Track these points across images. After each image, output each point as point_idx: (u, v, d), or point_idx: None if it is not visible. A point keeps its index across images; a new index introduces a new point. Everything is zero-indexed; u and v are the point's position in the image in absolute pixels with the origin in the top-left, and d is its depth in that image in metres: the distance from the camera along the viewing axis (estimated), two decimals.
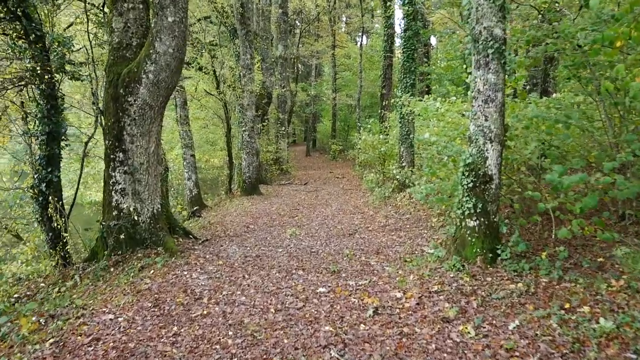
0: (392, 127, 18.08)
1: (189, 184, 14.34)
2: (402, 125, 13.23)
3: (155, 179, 8.04)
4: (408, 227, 9.41)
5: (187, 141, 14.07)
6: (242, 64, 15.20)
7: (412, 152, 13.33)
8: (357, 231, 9.56)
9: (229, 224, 10.95)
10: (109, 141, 7.76)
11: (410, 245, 7.87)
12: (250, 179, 15.55)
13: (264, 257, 7.59)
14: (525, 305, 4.83)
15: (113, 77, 7.74)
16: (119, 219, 7.69)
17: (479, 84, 6.03)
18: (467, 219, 6.11)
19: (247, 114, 15.31)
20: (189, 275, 6.51)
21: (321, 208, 13.00)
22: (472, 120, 6.12)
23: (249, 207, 13.34)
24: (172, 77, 7.70)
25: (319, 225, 10.38)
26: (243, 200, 14.71)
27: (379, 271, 6.56)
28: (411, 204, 11.56)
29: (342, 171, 24.72)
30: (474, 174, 6.01)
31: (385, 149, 15.19)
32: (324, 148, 39.74)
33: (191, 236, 8.94)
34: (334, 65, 33.19)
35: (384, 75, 20.73)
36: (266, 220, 11.23)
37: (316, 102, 39.12)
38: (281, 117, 23.91)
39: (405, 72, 13.12)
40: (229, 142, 15.96)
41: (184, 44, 7.71)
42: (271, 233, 9.71)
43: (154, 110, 7.75)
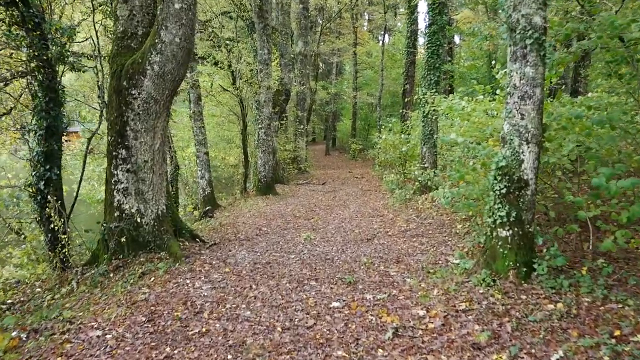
0: (414, 127, 17.40)
1: (202, 182, 13.86)
2: (425, 124, 12.56)
3: (160, 178, 7.54)
4: (430, 233, 8.76)
5: (201, 138, 13.59)
6: (259, 59, 14.67)
7: (435, 152, 12.66)
8: (376, 236, 8.94)
9: (241, 226, 10.42)
10: (111, 137, 7.29)
11: (433, 253, 7.23)
12: (266, 179, 15.02)
13: (274, 265, 7.02)
14: (568, 330, 4.19)
15: (116, 69, 7.26)
16: (121, 220, 7.21)
17: (515, 79, 5.37)
18: (498, 229, 5.46)
19: (264, 111, 14.78)
20: (191, 285, 5.97)
21: (338, 210, 12.41)
22: (506, 118, 5.47)
23: (263, 208, 12.80)
24: (178, 68, 7.18)
25: (335, 229, 9.79)
26: (258, 200, 14.18)
27: (399, 283, 5.95)
28: (433, 208, 10.90)
29: (361, 171, 24.08)
30: (507, 179, 5.35)
31: (406, 149, 14.54)
32: (343, 147, 39.12)
33: (198, 240, 8.42)
34: (355, 63, 32.56)
35: (406, 73, 20.08)
36: (280, 223, 10.67)
37: (336, 101, 38.52)
38: (300, 115, 23.36)
39: (429, 69, 12.45)
40: (244, 139, 15.44)
41: (192, 33, 7.18)
42: (284, 237, 9.15)
43: (159, 105, 7.25)
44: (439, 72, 12.44)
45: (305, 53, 23.27)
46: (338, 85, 37.42)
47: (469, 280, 5.58)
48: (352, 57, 32.84)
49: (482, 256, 5.75)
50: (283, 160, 19.81)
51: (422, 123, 12.66)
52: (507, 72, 5.51)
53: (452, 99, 9.43)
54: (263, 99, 14.71)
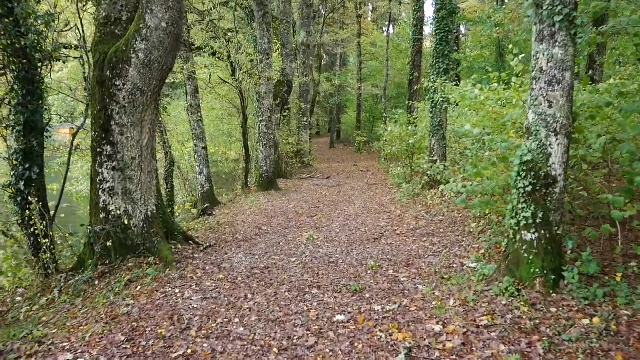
0: (421, 119, 16.74)
1: (200, 178, 13.28)
2: (434, 115, 11.92)
3: (149, 176, 6.96)
4: (442, 231, 8.16)
5: (198, 132, 12.98)
6: (259, 49, 14.03)
7: (444, 145, 12.03)
8: (384, 235, 8.35)
9: (240, 225, 9.84)
10: (95, 132, 6.73)
11: (446, 255, 6.62)
12: (268, 173, 14.42)
13: (273, 269, 6.44)
14: (610, 353, 3.60)
15: (99, 58, 6.67)
16: (107, 222, 6.65)
17: (541, 62, 4.74)
18: (523, 231, 4.85)
19: (265, 103, 14.16)
20: (181, 295, 5.40)
21: (343, 206, 11.82)
22: (531, 107, 4.84)
23: (264, 205, 12.22)
24: (166, 56, 6.58)
25: (340, 227, 9.20)
26: (259, 196, 13.59)
27: (410, 291, 5.35)
28: (444, 203, 10.29)
29: (366, 164, 23.47)
30: (533, 175, 4.74)
31: (413, 141, 13.90)
32: (348, 140, 38.52)
33: (192, 242, 7.82)
34: (360, 54, 31.86)
35: (412, 63, 19.40)
36: (282, 221, 10.09)
37: (341, 93, 37.83)
38: (303, 107, 22.72)
39: (437, 57, 11.79)
40: (245, 133, 14.84)
41: (179, 17, 6.58)
42: (286, 237, 8.56)
43: (146, 96, 6.65)
44: (448, 60, 11.77)
45: (308, 43, 22.61)
46: (342, 76, 36.70)
47: (490, 288, 4.97)
48: (356, 48, 32.12)
49: (503, 262, 5.13)
50: (286, 154, 19.19)
51: (431, 114, 12.02)
52: (532, 54, 4.88)
53: (464, 87, 8.80)
54: (264, 91, 14.10)
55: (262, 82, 14.01)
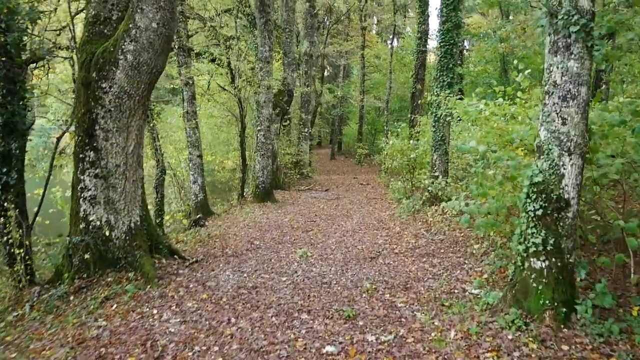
0: (423, 132, 16.38)
1: (194, 188, 12.87)
2: (436, 129, 11.54)
3: (134, 185, 6.57)
4: (442, 252, 7.74)
5: (194, 140, 12.59)
6: (259, 56, 13.70)
7: (447, 160, 11.64)
8: (381, 254, 7.93)
9: (231, 239, 9.42)
10: (79, 137, 6.35)
11: (447, 279, 6.20)
12: (264, 184, 14.02)
13: (261, 290, 6.01)
14: None
15: (85, 58, 6.31)
16: (87, 233, 6.24)
17: (555, 75, 4.37)
18: (532, 258, 4.44)
19: (263, 112, 13.79)
20: (158, 316, 4.98)
21: (341, 220, 11.40)
22: (543, 123, 4.46)
23: (259, 217, 11.81)
24: (156, 59, 6.22)
25: (336, 244, 8.78)
26: (255, 207, 13.18)
27: (407, 319, 4.93)
28: (445, 221, 9.88)
29: (367, 177, 23.08)
30: (544, 198, 4.34)
31: (415, 155, 13.50)
32: (349, 151, 38.12)
33: (177, 257, 7.39)
34: (363, 66, 31.54)
35: (415, 76, 19.12)
36: (275, 235, 9.67)
37: (343, 104, 37.51)
38: (304, 118, 22.38)
39: (442, 70, 11.44)
40: (242, 142, 14.44)
41: (172, 18, 6.22)
42: (278, 253, 8.15)
43: (133, 100, 6.28)
44: (452, 74, 11.42)
45: (310, 53, 22.32)
46: (345, 88, 36.39)
47: (494, 320, 4.55)
48: (360, 60, 31.81)
49: (510, 291, 4.71)
50: (284, 164, 18.80)
51: (433, 128, 11.65)
52: (545, 67, 4.50)
53: (469, 102, 8.45)
54: (263, 100, 13.74)
55: (261, 90, 13.66)
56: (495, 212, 5.78)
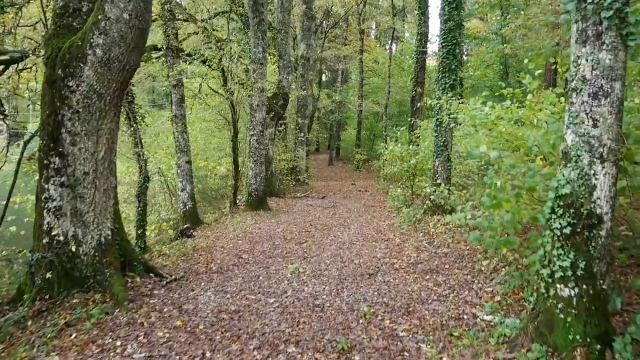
0: (423, 137, 15.73)
1: (182, 195, 12.18)
2: (438, 134, 10.91)
3: (105, 195, 5.90)
4: (447, 267, 7.07)
5: (182, 145, 11.90)
6: (252, 58, 13.05)
7: (449, 167, 10.99)
8: (380, 270, 7.26)
9: (218, 252, 8.73)
10: (43, 141, 5.67)
11: (454, 301, 5.53)
12: (257, 192, 13.33)
13: (245, 314, 5.33)
14: None
15: (51, 53, 5.65)
16: (51, 249, 5.56)
17: (584, 69, 3.73)
18: (558, 284, 3.78)
19: (256, 116, 13.13)
20: (121, 350, 4.29)
21: (337, 231, 10.73)
22: (569, 126, 3.81)
23: (250, 227, 11.12)
24: (128, 54, 5.57)
25: (331, 258, 8.11)
26: (247, 216, 12.50)
27: (411, 352, 4.26)
28: (448, 232, 9.24)
29: (365, 183, 22.45)
30: (572, 213, 3.69)
31: (415, 161, 12.85)
32: (347, 157, 37.54)
33: (154, 274, 6.69)
34: (362, 70, 30.98)
35: (415, 79, 18.50)
36: (266, 248, 8.98)
37: (341, 109, 36.94)
38: (300, 123, 21.73)
39: (444, 71, 10.81)
40: (235, 148, 13.77)
41: (146, 9, 5.57)
42: (268, 268, 7.46)
43: (104, 100, 5.63)
44: (455, 75, 10.79)
45: (307, 56, 21.69)
46: (343, 93, 35.79)
47: (513, 357, 3.88)
48: (358, 64, 31.23)
49: (531, 322, 4.04)
50: (280, 170, 18.13)
51: (435, 133, 11.01)
52: (571, 60, 3.86)
53: (474, 104, 7.82)
54: (256, 103, 13.07)
55: (254, 93, 13.01)
56: (509, 228, 5.11)
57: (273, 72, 17.60)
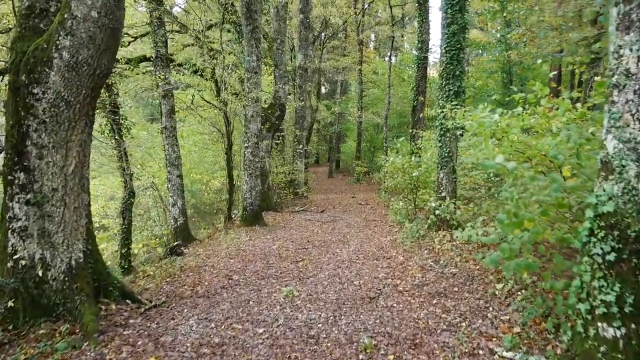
0: (425, 149, 15.17)
1: (173, 211, 11.59)
2: (442, 144, 10.33)
3: (76, 214, 5.31)
4: (456, 290, 6.46)
5: (173, 158, 11.33)
6: (245, 67, 12.53)
7: (454, 179, 10.40)
8: (382, 293, 6.65)
9: (207, 272, 8.11)
10: (7, 155, 5.09)
11: (466, 332, 4.91)
12: (253, 207, 12.73)
13: (230, 348, 4.70)
14: None
15: (15, 58, 5.09)
16: (15, 274, 4.97)
17: (627, 61, 3.15)
18: (600, 323, 3.18)
19: (251, 127, 12.58)
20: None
21: (336, 247, 10.13)
22: (610, 130, 3.23)
23: (244, 244, 10.52)
24: (99, 56, 5.01)
25: (329, 279, 7.50)
26: (241, 232, 11.89)
27: None
28: (455, 249, 8.64)
29: (365, 196, 21.84)
30: (617, 235, 3.09)
31: (418, 173, 12.26)
32: (347, 169, 37.01)
33: (131, 300, 6.08)
34: (361, 81, 30.50)
35: (416, 88, 17.95)
36: (259, 267, 8.37)
37: (341, 121, 36.49)
38: (298, 135, 21.20)
39: (447, 77, 10.26)
40: (229, 160, 13.20)
41: (117, 6, 5.01)
42: (259, 291, 6.84)
43: (73, 109, 5.06)
44: (459, 82, 10.24)
45: (305, 67, 21.20)
46: (343, 104, 35.32)
47: None
48: (357, 76, 30.79)
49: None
50: (277, 184, 17.54)
51: (439, 143, 10.43)
52: (611, 50, 3.29)
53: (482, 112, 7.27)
54: (250, 114, 12.53)
55: (248, 103, 12.48)
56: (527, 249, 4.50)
57: (269, 83, 17.09)
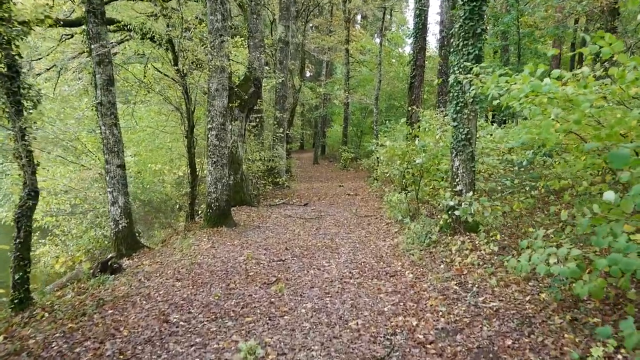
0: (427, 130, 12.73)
1: (113, 211, 8.99)
2: (459, 124, 7.96)
3: None
4: (511, 345, 4.12)
5: (112, 143, 8.75)
6: (209, 28, 9.97)
7: (473, 168, 8.06)
8: (394, 347, 4.30)
9: (137, 307, 5.63)
10: None
11: None
12: (219, 203, 10.24)
13: None
14: None
15: None
16: None
17: None
18: None
19: (215, 104, 10.03)
20: None
21: (322, 257, 7.79)
22: None
23: (202, 254, 8.07)
24: None
25: (312, 318, 5.12)
26: (202, 236, 9.41)
27: None
28: (482, 264, 6.38)
29: (354, 184, 19.50)
30: None
31: (421, 160, 9.85)
32: (334, 155, 34.64)
33: None
34: (347, 62, 27.98)
35: (414, 62, 15.55)
36: (215, 296, 5.93)
37: (326, 105, 33.98)
38: (279, 116, 18.68)
39: (466, 37, 7.86)
40: (190, 146, 10.70)
41: None
42: (204, 348, 4.43)
43: None
44: (481, 42, 7.85)
45: (286, 40, 18.66)
46: (329, 86, 32.69)
47: None
48: (344, 56, 28.23)
49: None
50: (253, 173, 15.00)
51: (454, 122, 8.04)
52: None
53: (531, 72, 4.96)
54: (214, 87, 9.98)
55: (212, 74, 9.95)
56: None
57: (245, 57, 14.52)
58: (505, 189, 8.71)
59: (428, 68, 21.37)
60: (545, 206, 8.67)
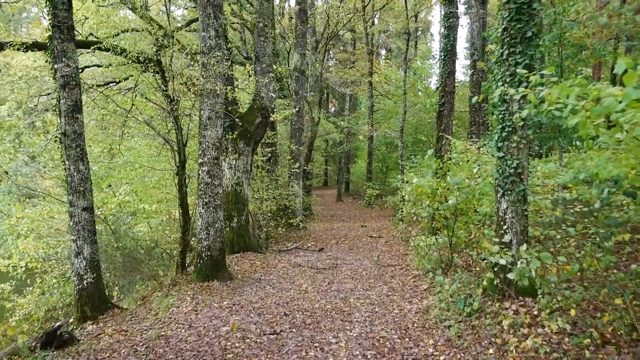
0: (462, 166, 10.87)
1: (77, 264, 7.22)
2: (506, 154, 6.15)
3: None
4: None
5: (77, 182, 7.11)
6: (201, 46, 8.50)
7: (526, 212, 6.17)
8: None
9: None
10: None
11: None
12: (210, 252, 8.50)
13: None
14: None
15: None
16: None
17: None
18: None
19: (207, 135, 8.45)
20: None
21: (329, 328, 6.01)
22: None
23: (176, 323, 6.32)
24: None
25: None
26: (186, 295, 7.65)
27: None
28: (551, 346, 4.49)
29: (378, 224, 17.69)
30: None
31: (456, 200, 8.01)
32: (358, 192, 33.02)
33: None
34: (371, 95, 26.55)
35: (442, 88, 13.84)
36: None
37: (350, 140, 32.49)
38: (295, 151, 17.08)
39: (511, 44, 6.11)
40: (181, 184, 9.12)
41: None
42: None
43: None
44: (532, 49, 6.09)
45: (302, 69, 17.24)
46: (352, 121, 31.17)
47: None
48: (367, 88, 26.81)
49: None
50: (263, 214, 13.28)
51: (500, 152, 6.22)
52: None
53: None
54: (207, 115, 8.43)
55: (204, 100, 8.41)
56: None
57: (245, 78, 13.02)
58: (566, 239, 6.75)
59: (457, 97, 19.66)
60: (620, 259, 6.72)
